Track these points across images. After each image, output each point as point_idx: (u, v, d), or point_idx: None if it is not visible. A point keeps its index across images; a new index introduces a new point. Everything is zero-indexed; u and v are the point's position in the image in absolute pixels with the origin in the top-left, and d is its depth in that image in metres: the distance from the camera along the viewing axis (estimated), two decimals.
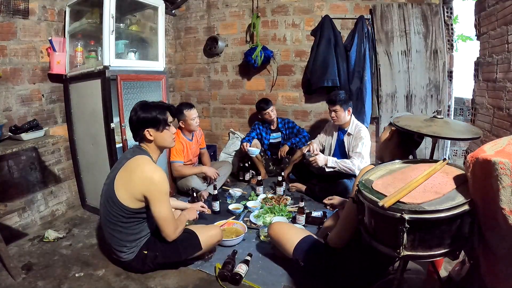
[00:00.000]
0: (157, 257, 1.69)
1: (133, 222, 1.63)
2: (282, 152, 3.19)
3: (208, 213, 2.31)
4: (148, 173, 1.55)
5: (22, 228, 2.25)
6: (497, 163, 0.83)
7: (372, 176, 1.21)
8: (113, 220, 1.60)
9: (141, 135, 1.65)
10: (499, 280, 0.96)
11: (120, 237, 1.64)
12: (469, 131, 1.32)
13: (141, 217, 1.65)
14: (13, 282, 1.67)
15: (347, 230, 1.42)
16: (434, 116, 1.34)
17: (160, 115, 1.63)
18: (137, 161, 1.59)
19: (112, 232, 1.64)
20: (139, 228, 1.66)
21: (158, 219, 1.58)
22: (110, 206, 1.60)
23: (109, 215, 1.61)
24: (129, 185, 1.56)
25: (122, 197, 1.56)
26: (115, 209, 1.58)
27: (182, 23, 3.94)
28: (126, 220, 1.60)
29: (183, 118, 2.84)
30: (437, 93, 3.13)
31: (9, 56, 2.15)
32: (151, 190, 1.54)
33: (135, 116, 1.62)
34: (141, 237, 1.69)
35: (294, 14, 3.47)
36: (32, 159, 2.34)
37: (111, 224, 1.62)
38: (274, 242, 1.80)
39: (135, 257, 1.68)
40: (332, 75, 3.19)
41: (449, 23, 3.10)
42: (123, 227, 1.62)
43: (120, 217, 1.59)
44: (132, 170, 1.57)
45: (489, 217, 0.92)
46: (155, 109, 1.64)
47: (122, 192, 1.56)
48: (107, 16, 2.20)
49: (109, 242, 1.69)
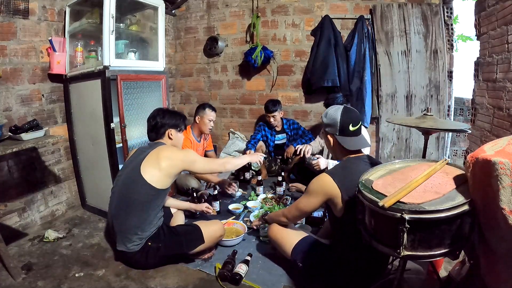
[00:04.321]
0: (160, 249, 1.72)
1: (152, 205, 1.72)
2: (288, 154, 3.16)
3: (213, 213, 2.33)
4: (181, 152, 1.85)
5: (22, 228, 2.25)
6: (497, 163, 0.83)
7: (372, 176, 1.21)
8: (133, 203, 1.70)
9: (163, 133, 1.90)
10: (499, 280, 0.96)
11: (134, 222, 1.69)
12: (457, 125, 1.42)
13: (160, 201, 1.79)
14: (13, 282, 1.67)
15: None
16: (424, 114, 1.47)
17: (181, 121, 1.97)
18: (168, 148, 1.82)
19: (126, 217, 1.70)
20: (153, 214, 1.74)
21: (204, 170, 1.95)
22: (132, 189, 1.71)
23: (129, 199, 1.70)
24: (167, 165, 1.72)
25: (151, 179, 1.70)
26: (139, 191, 1.69)
27: (182, 23, 3.94)
28: (146, 202, 1.70)
29: (201, 114, 2.87)
30: (437, 93, 3.13)
31: (9, 56, 2.15)
32: (188, 160, 1.80)
33: (163, 118, 1.89)
34: (152, 227, 1.74)
35: (294, 14, 3.47)
36: (32, 159, 2.34)
37: (128, 208, 1.70)
38: (273, 243, 1.80)
39: (140, 249, 1.71)
40: (332, 75, 3.19)
41: (449, 23, 3.10)
42: (141, 209, 1.69)
43: (142, 198, 1.70)
44: (167, 155, 1.75)
45: (489, 217, 0.92)
46: (178, 115, 1.97)
47: (155, 174, 1.71)
48: (107, 16, 2.20)
49: (120, 230, 1.72)
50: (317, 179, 1.47)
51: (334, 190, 1.38)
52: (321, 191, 1.43)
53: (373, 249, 1.09)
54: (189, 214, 2.35)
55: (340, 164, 1.54)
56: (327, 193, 1.41)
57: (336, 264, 1.50)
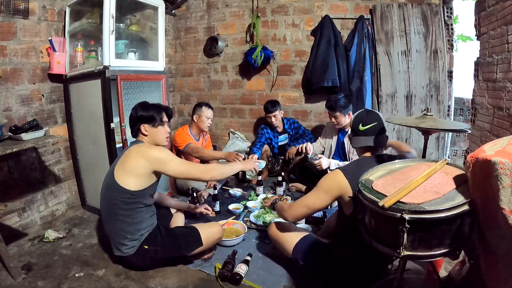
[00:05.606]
0: (158, 252, 1.70)
1: (134, 208, 1.67)
2: (290, 154, 3.15)
3: (212, 215, 2.32)
4: (149, 149, 1.68)
5: (22, 228, 2.25)
6: (497, 163, 0.83)
7: (372, 176, 1.21)
8: (115, 208, 1.66)
9: (138, 130, 1.78)
10: (499, 280, 0.96)
11: (121, 227, 1.66)
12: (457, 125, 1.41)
13: (141, 202, 1.69)
14: (13, 282, 1.67)
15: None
16: (424, 114, 1.47)
17: (156, 113, 1.78)
18: (136, 147, 1.69)
19: (113, 223, 1.68)
20: (139, 217, 1.69)
21: (181, 174, 1.72)
22: (111, 195, 1.66)
23: (111, 205, 1.67)
24: (133, 166, 1.64)
25: (124, 182, 1.63)
26: (116, 196, 1.64)
27: (182, 23, 3.94)
28: (126, 207, 1.65)
29: (199, 113, 2.86)
30: (437, 93, 3.13)
31: (9, 56, 2.15)
32: (152, 163, 1.65)
33: (135, 113, 1.78)
34: (142, 229, 1.70)
35: (294, 14, 3.47)
36: (32, 159, 2.34)
37: (112, 214, 1.68)
38: (274, 242, 1.80)
39: (135, 252, 1.69)
40: (332, 75, 3.19)
41: (449, 23, 3.10)
42: (123, 214, 1.65)
43: (121, 203, 1.64)
44: (133, 154, 1.66)
45: (489, 217, 0.92)
46: (153, 108, 1.80)
47: (124, 177, 1.64)
48: (107, 16, 2.20)
49: (111, 236, 1.72)
50: (330, 176, 1.48)
51: (346, 187, 1.38)
52: (334, 188, 1.42)
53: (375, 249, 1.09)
54: (189, 215, 2.35)
55: (354, 162, 1.56)
56: (339, 189, 1.40)
57: (337, 264, 1.50)
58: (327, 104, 2.76)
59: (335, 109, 2.66)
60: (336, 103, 2.65)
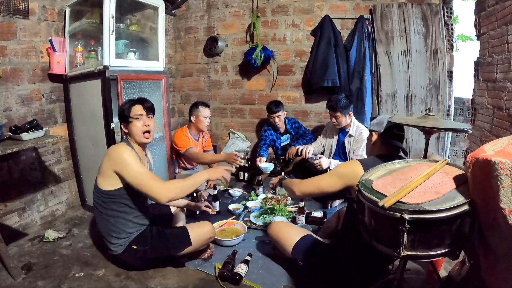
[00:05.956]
0: (147, 252, 1.69)
1: (113, 208, 1.66)
2: (290, 154, 3.15)
3: (213, 213, 2.32)
4: (116, 148, 1.64)
5: (22, 228, 2.25)
6: (497, 163, 0.83)
7: (372, 176, 1.21)
8: (99, 208, 1.69)
9: (121, 130, 1.79)
10: (499, 280, 0.96)
11: (107, 226, 1.69)
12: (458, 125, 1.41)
13: (121, 203, 1.67)
14: (13, 282, 1.67)
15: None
16: (426, 114, 1.49)
17: (126, 109, 1.72)
18: (112, 146, 1.71)
19: (100, 222, 1.72)
20: (122, 217, 1.68)
21: (137, 186, 1.57)
22: (95, 195, 1.71)
23: (95, 205, 1.71)
24: (102, 165, 1.65)
25: (100, 183, 1.66)
26: (97, 196, 1.69)
27: (182, 23, 3.94)
28: (106, 206, 1.67)
29: (196, 113, 2.86)
30: (437, 93, 3.13)
31: (9, 56, 2.15)
32: (113, 163, 1.60)
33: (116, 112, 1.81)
34: (128, 229, 1.69)
35: (294, 14, 3.46)
36: (32, 159, 2.34)
37: (98, 214, 1.72)
38: (274, 241, 1.80)
39: (123, 251, 1.69)
40: (332, 75, 3.19)
41: (449, 23, 3.10)
42: (106, 214, 1.68)
43: (101, 203, 1.67)
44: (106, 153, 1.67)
45: (489, 217, 0.92)
46: (125, 103, 1.75)
47: (99, 177, 1.67)
48: (107, 16, 2.20)
49: (102, 235, 1.74)
50: (347, 163, 1.60)
51: None
52: (349, 174, 1.45)
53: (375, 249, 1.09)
54: (190, 214, 2.35)
55: (372, 157, 1.58)
56: (353, 178, 1.40)
57: (337, 264, 1.50)
58: (328, 104, 2.76)
59: (336, 109, 2.67)
60: (337, 103, 2.65)
